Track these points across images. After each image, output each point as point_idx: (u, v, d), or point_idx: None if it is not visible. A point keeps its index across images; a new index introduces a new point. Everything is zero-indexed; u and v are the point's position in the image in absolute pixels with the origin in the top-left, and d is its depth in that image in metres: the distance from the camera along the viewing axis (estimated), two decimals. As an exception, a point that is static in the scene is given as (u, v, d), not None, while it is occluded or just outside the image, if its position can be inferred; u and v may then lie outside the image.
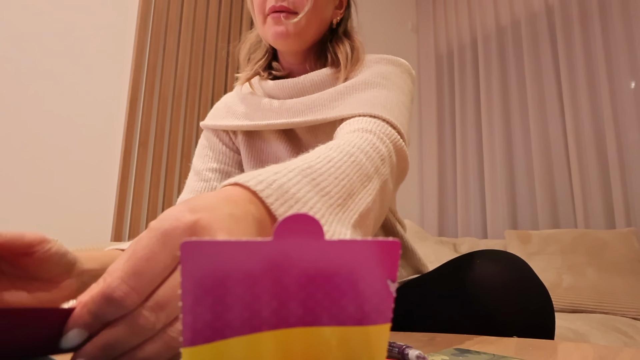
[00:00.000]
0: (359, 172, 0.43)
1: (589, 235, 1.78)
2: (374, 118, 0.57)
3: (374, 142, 0.49)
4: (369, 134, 0.51)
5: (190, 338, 0.16)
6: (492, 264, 0.56)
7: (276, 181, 0.34)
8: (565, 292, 1.64)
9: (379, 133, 0.52)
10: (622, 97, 1.98)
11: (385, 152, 0.49)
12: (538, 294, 0.54)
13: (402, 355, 0.34)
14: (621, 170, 1.93)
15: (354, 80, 0.66)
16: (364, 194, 0.42)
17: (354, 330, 0.20)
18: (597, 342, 1.19)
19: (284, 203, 0.33)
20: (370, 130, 0.52)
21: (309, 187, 0.36)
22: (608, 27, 2.07)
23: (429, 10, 2.96)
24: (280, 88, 0.72)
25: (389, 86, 0.65)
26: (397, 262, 0.20)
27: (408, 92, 0.69)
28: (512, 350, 0.38)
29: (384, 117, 0.57)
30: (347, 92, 0.65)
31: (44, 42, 1.66)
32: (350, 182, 0.41)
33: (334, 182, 0.39)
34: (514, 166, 2.33)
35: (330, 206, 0.37)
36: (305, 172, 0.37)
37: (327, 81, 0.70)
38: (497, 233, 2.30)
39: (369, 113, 0.57)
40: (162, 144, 1.94)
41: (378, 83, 0.65)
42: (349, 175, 0.41)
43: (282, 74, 0.76)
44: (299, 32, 0.67)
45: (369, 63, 0.70)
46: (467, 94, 2.62)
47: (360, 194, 0.41)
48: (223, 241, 0.16)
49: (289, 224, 0.18)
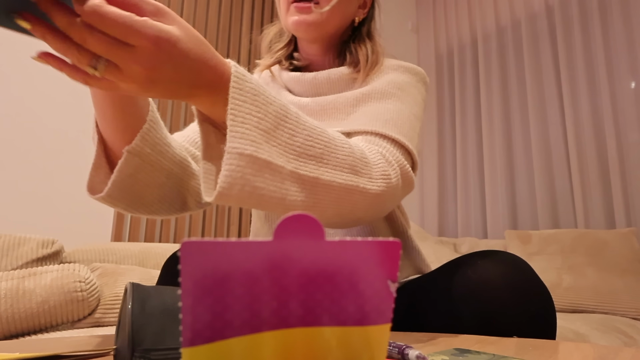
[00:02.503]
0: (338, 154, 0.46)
1: (589, 235, 1.78)
2: (386, 139, 0.58)
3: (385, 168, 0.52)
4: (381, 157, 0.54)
5: (190, 338, 0.16)
6: (493, 264, 0.55)
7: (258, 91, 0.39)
8: (565, 292, 1.64)
9: (388, 156, 0.55)
10: (622, 97, 1.98)
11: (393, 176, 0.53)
12: (540, 295, 0.54)
13: (402, 355, 0.34)
14: (621, 170, 1.93)
15: (370, 88, 0.67)
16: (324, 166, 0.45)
17: (354, 331, 0.20)
18: (597, 342, 1.19)
19: (239, 97, 0.37)
20: (381, 154, 0.55)
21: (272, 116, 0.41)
22: (608, 27, 2.07)
23: (429, 10, 2.96)
24: (296, 81, 0.73)
25: (404, 97, 0.66)
26: (397, 262, 0.20)
27: (421, 101, 0.70)
28: (512, 350, 0.38)
29: (396, 138, 0.58)
30: (362, 100, 0.66)
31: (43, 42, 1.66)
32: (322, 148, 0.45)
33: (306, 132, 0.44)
34: (514, 166, 2.33)
35: (267, 133, 0.39)
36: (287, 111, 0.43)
37: (343, 80, 0.70)
38: (497, 233, 2.30)
39: (382, 132, 0.59)
40: (162, 144, 1.94)
41: (393, 94, 0.66)
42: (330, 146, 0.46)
43: (301, 64, 0.76)
44: (321, 22, 0.68)
45: (386, 69, 0.71)
46: (467, 94, 2.62)
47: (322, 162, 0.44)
48: (223, 241, 0.16)
49: (289, 224, 0.18)
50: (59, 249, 1.33)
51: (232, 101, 0.37)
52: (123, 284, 1.24)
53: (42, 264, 1.26)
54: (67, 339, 0.51)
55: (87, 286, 1.11)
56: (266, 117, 0.40)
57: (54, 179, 1.62)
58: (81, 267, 1.14)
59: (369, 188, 0.49)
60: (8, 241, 1.25)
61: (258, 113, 0.39)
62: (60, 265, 1.11)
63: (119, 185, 0.48)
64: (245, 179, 0.38)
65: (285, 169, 0.41)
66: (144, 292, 0.34)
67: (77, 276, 1.10)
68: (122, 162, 0.47)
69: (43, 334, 1.05)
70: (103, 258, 1.44)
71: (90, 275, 1.14)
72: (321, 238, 0.19)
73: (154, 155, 0.50)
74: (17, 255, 1.24)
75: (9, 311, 0.99)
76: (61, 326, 1.10)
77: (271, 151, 0.39)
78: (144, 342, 0.31)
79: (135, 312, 0.32)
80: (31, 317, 1.01)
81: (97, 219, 1.72)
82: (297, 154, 0.42)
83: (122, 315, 0.35)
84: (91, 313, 1.14)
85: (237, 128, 0.37)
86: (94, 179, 0.49)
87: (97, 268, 1.30)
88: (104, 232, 1.74)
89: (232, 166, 0.37)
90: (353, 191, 0.48)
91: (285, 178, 0.41)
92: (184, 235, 2.00)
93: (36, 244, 1.28)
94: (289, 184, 0.42)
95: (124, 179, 0.48)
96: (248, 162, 0.37)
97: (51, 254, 1.30)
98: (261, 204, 0.40)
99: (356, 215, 0.51)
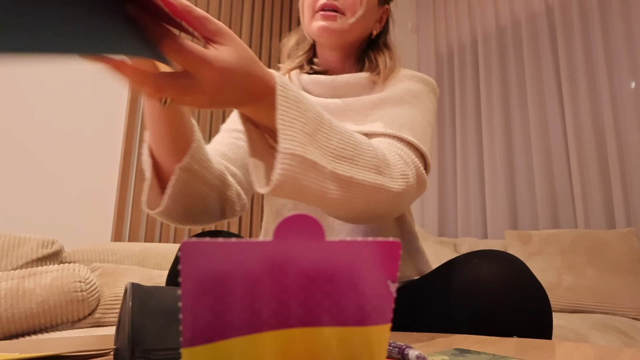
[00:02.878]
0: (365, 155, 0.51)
1: (589, 235, 1.78)
2: (402, 141, 0.63)
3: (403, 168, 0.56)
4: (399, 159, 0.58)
5: (190, 338, 0.16)
6: (490, 264, 0.56)
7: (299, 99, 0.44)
8: (565, 292, 1.64)
9: (406, 158, 0.59)
10: (622, 97, 1.98)
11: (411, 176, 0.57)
12: (536, 294, 0.54)
13: (402, 355, 0.34)
14: (621, 170, 1.93)
15: (387, 94, 0.71)
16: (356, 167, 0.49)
17: (354, 331, 0.20)
18: (597, 342, 1.19)
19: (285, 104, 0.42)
20: (399, 155, 0.59)
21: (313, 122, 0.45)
22: (608, 27, 2.07)
23: (429, 11, 2.96)
24: (315, 83, 0.77)
25: (418, 105, 0.71)
26: (397, 262, 0.20)
27: (433, 110, 0.75)
28: (512, 350, 0.38)
29: (411, 141, 0.63)
30: (379, 105, 0.70)
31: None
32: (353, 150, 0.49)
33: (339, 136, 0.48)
34: (514, 166, 2.33)
35: (310, 136, 0.44)
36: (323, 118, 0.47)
37: (361, 84, 0.75)
38: (497, 233, 2.30)
39: (399, 135, 0.63)
40: (162, 144, 1.94)
41: (408, 101, 0.71)
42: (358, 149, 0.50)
43: (320, 69, 0.81)
44: (344, 30, 0.73)
45: (402, 77, 0.75)
46: (467, 94, 2.62)
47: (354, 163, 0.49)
48: (223, 242, 0.16)
49: (289, 224, 0.18)
50: (59, 249, 1.33)
51: (280, 107, 0.41)
52: (123, 284, 1.24)
53: (42, 264, 1.26)
54: (67, 339, 0.51)
55: (87, 286, 1.11)
56: (308, 121, 0.44)
57: (54, 179, 1.62)
58: (81, 267, 1.14)
59: (392, 187, 0.53)
60: (8, 241, 1.25)
61: (301, 118, 0.44)
62: (60, 265, 1.11)
63: (172, 199, 0.55)
64: (295, 177, 0.42)
65: (326, 169, 0.45)
66: (144, 292, 0.34)
67: (77, 276, 1.10)
68: (175, 178, 0.54)
69: (43, 334, 1.05)
70: (103, 258, 1.44)
71: (90, 275, 1.14)
72: (321, 238, 0.19)
73: (200, 170, 0.56)
74: (17, 255, 1.24)
75: (9, 311, 0.99)
76: (61, 326, 1.10)
77: (315, 152, 0.44)
78: (144, 342, 0.31)
79: (135, 312, 0.32)
80: (31, 317, 1.01)
81: (97, 219, 1.72)
82: (333, 155, 0.47)
83: (122, 315, 0.35)
84: (91, 313, 1.14)
85: (287, 131, 0.41)
86: (150, 197, 0.56)
87: (97, 268, 1.30)
88: (104, 232, 1.74)
89: (285, 165, 0.41)
90: (379, 189, 0.52)
91: (327, 177, 0.46)
92: (184, 236, 2.00)
93: (36, 244, 1.28)
94: (329, 183, 0.46)
95: (175, 192, 0.55)
96: (298, 161, 0.42)
97: (51, 254, 1.30)
98: (305, 199, 0.46)
99: (379, 212, 0.55)
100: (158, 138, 0.54)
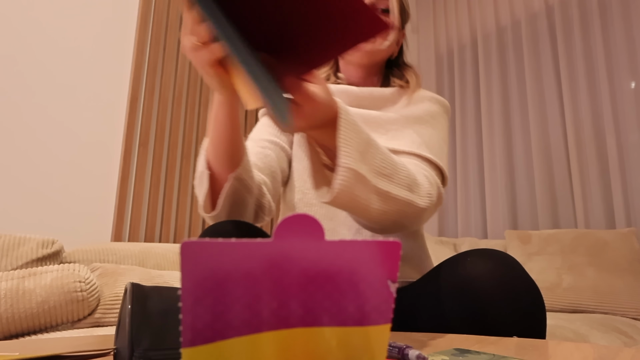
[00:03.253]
0: (400, 174, 0.59)
1: (589, 235, 1.78)
2: (426, 161, 0.72)
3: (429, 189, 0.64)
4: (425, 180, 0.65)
5: (190, 338, 0.16)
6: (482, 262, 0.57)
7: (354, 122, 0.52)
8: (565, 292, 1.64)
9: (430, 178, 0.66)
10: (622, 97, 1.98)
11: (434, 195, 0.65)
12: (529, 291, 0.55)
13: (402, 356, 0.34)
14: (621, 170, 1.93)
15: (408, 113, 0.79)
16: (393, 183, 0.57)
17: (355, 331, 0.20)
18: (597, 342, 1.19)
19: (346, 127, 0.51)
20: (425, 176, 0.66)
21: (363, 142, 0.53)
22: (608, 27, 2.07)
23: (429, 11, 2.96)
24: (342, 92, 0.82)
25: (435, 125, 0.79)
26: (397, 262, 0.20)
27: (446, 128, 0.83)
28: (513, 350, 0.38)
29: (433, 160, 0.72)
30: (402, 122, 0.78)
31: (43, 42, 1.66)
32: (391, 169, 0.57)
33: (382, 156, 0.56)
34: (514, 166, 2.33)
35: (361, 154, 0.52)
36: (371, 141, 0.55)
37: (384, 98, 0.82)
38: (497, 233, 2.30)
39: (423, 155, 0.72)
40: (162, 144, 1.94)
41: (427, 121, 0.79)
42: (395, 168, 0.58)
43: (343, 83, 0.87)
44: (376, 52, 0.81)
45: (421, 98, 0.83)
46: (467, 94, 2.62)
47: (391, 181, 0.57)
48: (223, 242, 0.16)
49: (289, 224, 0.18)
50: (59, 249, 1.33)
51: (341, 129, 0.50)
52: (123, 284, 1.24)
53: (42, 264, 1.26)
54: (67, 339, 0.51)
55: (87, 286, 1.11)
56: (361, 142, 0.52)
57: (54, 179, 1.62)
58: (81, 267, 1.14)
59: (419, 203, 0.61)
60: (8, 241, 1.25)
61: (357, 138, 0.52)
62: (60, 265, 1.11)
63: (224, 203, 0.63)
64: (350, 187, 0.51)
65: (371, 183, 0.53)
66: (144, 292, 0.34)
67: (77, 276, 1.10)
68: (229, 186, 0.62)
69: (43, 334, 1.05)
70: (103, 258, 1.44)
71: (90, 275, 1.14)
72: (321, 238, 0.19)
73: (247, 180, 0.65)
74: (17, 255, 1.24)
75: (9, 311, 0.99)
76: (61, 326, 1.10)
77: (364, 168, 0.52)
78: (143, 342, 0.31)
79: (135, 312, 0.32)
80: (31, 317, 1.01)
81: (97, 219, 1.72)
82: (377, 172, 0.54)
83: (122, 315, 0.35)
84: (91, 313, 1.14)
85: (346, 149, 0.50)
86: (205, 203, 0.65)
87: (97, 268, 1.30)
88: (104, 232, 1.74)
89: (343, 177, 0.50)
90: (409, 204, 0.59)
91: (371, 191, 0.54)
92: (183, 236, 2.00)
93: (36, 244, 1.28)
94: (372, 196, 0.54)
95: (226, 198, 0.63)
96: (353, 175, 0.50)
97: (51, 254, 1.30)
98: (353, 208, 0.54)
99: (404, 224, 0.63)
100: (221, 154, 0.63)
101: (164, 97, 1.96)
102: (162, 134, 1.94)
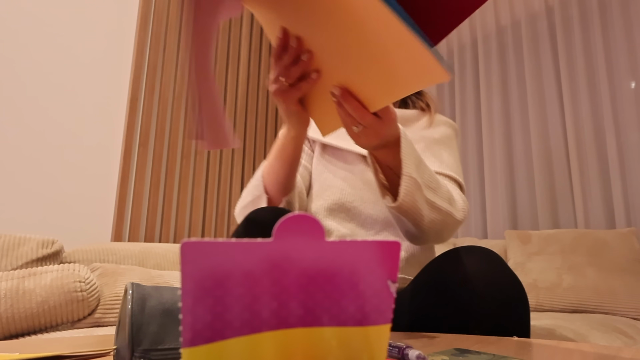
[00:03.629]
0: (442, 189, 0.67)
1: (589, 235, 1.78)
2: (453, 180, 0.80)
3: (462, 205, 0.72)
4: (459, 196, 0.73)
5: (190, 338, 0.16)
6: (466, 258, 0.59)
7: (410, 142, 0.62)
8: (565, 292, 1.64)
9: (461, 195, 0.75)
10: (622, 97, 1.98)
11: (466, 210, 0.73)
12: (511, 285, 0.57)
13: (402, 356, 0.34)
14: (621, 170, 1.93)
15: (428, 135, 0.86)
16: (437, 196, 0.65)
17: (354, 331, 0.20)
18: (597, 342, 1.19)
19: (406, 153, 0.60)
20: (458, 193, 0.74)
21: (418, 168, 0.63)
22: (608, 27, 2.07)
23: (429, 10, 2.95)
24: None
25: (451, 145, 0.89)
26: (397, 262, 0.20)
27: (459, 149, 0.94)
28: (513, 350, 0.38)
29: (458, 180, 0.80)
30: (428, 143, 0.85)
31: (44, 42, 1.66)
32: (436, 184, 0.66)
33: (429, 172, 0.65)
34: (514, 166, 2.33)
35: (416, 167, 0.62)
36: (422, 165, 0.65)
37: (408, 119, 0.88)
38: (497, 233, 2.30)
39: (450, 175, 0.80)
40: (162, 144, 1.94)
41: (445, 143, 0.87)
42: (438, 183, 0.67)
43: None
44: None
45: (438, 122, 0.90)
46: (467, 93, 2.62)
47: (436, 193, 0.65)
48: (223, 242, 0.16)
49: (289, 224, 0.18)
50: (59, 249, 1.33)
51: (403, 146, 0.60)
52: (123, 284, 1.24)
53: (42, 264, 1.26)
54: (67, 339, 0.51)
55: (87, 286, 1.11)
56: (416, 158, 0.62)
57: (54, 179, 1.62)
58: (81, 267, 1.14)
59: (457, 216, 0.69)
60: (8, 241, 1.25)
61: (414, 154, 0.62)
62: (60, 265, 1.11)
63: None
64: (411, 194, 0.60)
65: (423, 193, 0.62)
66: (144, 292, 0.34)
67: (77, 276, 1.10)
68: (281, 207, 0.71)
69: (43, 334, 1.05)
70: (103, 258, 1.44)
71: (90, 275, 1.14)
72: (321, 238, 0.19)
73: (294, 203, 0.75)
74: (17, 255, 1.24)
75: (9, 311, 0.99)
76: (61, 326, 1.10)
77: (419, 179, 0.61)
78: (143, 342, 0.31)
79: (135, 312, 0.32)
80: (31, 317, 1.01)
81: (97, 219, 1.72)
82: (426, 185, 0.63)
83: (122, 315, 0.35)
84: (91, 313, 1.14)
85: (407, 161, 0.60)
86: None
87: (97, 268, 1.30)
88: (104, 232, 1.74)
89: (407, 184, 0.60)
90: (450, 216, 0.67)
91: (423, 199, 0.62)
92: (183, 236, 2.00)
93: (36, 244, 1.28)
94: (424, 204, 0.63)
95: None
96: (414, 183, 0.60)
97: (51, 254, 1.30)
98: (410, 214, 0.62)
99: (443, 235, 0.70)
100: (281, 178, 0.72)
101: (164, 97, 1.96)
102: (162, 134, 1.94)
